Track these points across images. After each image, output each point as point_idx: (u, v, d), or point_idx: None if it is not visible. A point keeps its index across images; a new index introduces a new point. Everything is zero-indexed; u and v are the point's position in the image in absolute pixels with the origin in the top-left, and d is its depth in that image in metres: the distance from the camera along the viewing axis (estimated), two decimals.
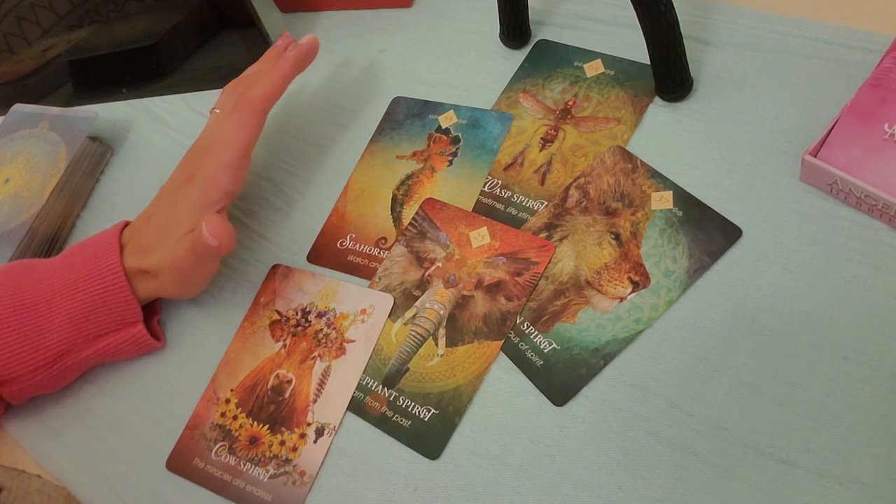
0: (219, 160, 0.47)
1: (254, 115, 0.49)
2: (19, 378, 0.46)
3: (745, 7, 0.54)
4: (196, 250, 0.45)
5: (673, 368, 0.42)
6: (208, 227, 0.44)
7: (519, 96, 0.55)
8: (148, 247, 0.47)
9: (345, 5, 0.66)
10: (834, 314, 0.41)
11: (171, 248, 0.46)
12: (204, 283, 0.50)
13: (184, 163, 0.50)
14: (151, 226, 0.48)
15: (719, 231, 0.45)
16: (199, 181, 0.47)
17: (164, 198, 0.49)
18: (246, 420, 0.46)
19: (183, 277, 0.47)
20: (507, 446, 0.42)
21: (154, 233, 0.47)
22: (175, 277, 0.47)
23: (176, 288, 0.48)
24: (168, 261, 0.46)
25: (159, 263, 0.46)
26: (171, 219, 0.47)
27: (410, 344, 0.46)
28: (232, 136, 0.48)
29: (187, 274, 0.47)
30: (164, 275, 0.47)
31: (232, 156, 0.47)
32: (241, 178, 0.48)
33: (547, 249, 0.47)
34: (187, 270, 0.47)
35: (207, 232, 0.44)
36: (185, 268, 0.47)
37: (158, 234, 0.47)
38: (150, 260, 0.46)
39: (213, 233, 0.44)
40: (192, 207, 0.47)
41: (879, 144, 0.42)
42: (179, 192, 0.48)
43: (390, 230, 0.51)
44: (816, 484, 0.37)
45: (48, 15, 0.64)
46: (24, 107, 0.64)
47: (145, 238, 0.47)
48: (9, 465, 0.49)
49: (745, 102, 0.49)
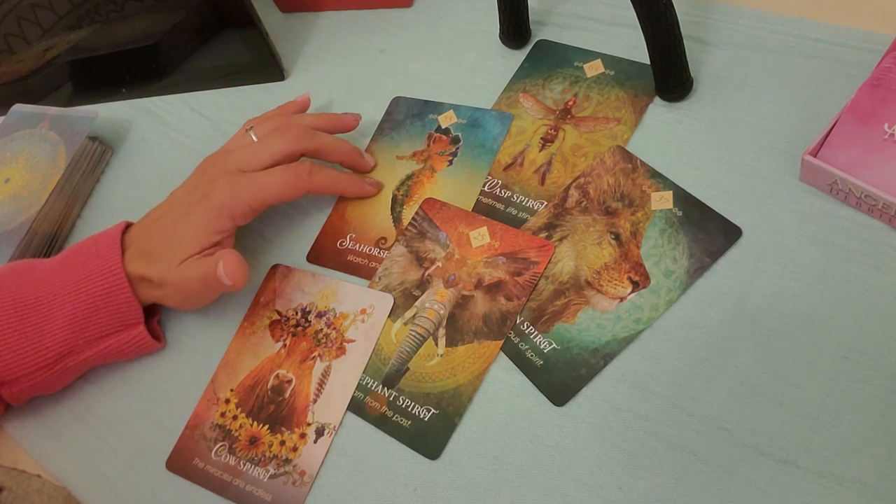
0: (243, 196, 0.47)
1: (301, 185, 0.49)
2: (20, 379, 0.46)
3: (745, 7, 0.54)
4: (208, 281, 0.45)
5: (673, 368, 0.42)
6: (225, 267, 0.45)
7: (519, 96, 0.55)
8: (152, 255, 0.47)
9: (345, 5, 0.66)
10: (834, 314, 0.41)
11: (178, 267, 0.46)
12: (205, 303, 0.50)
13: (202, 175, 0.50)
14: (158, 233, 0.48)
15: (719, 231, 0.45)
16: (214, 205, 0.47)
17: (175, 207, 0.48)
18: (246, 420, 0.46)
19: (187, 297, 0.48)
20: (507, 446, 0.42)
21: (159, 242, 0.47)
22: (178, 294, 0.47)
23: (177, 303, 0.48)
24: (175, 279, 0.46)
25: (163, 277, 0.46)
26: (179, 233, 0.47)
27: (410, 344, 0.46)
28: (272, 186, 0.48)
29: (192, 295, 0.48)
30: (168, 288, 0.47)
31: (260, 201, 0.48)
32: (254, 216, 0.49)
33: (547, 249, 0.47)
34: (193, 293, 0.47)
35: (223, 272, 0.45)
36: (192, 291, 0.47)
37: (164, 244, 0.47)
38: (154, 270, 0.46)
39: (229, 274, 0.45)
40: (201, 229, 0.47)
41: (879, 144, 0.42)
42: (191, 208, 0.47)
43: (390, 230, 0.51)
44: (816, 484, 0.37)
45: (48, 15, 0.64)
46: (24, 107, 0.64)
47: (149, 244, 0.47)
48: (9, 465, 0.49)
49: (745, 102, 0.49)
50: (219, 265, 0.45)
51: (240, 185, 0.47)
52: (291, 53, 0.65)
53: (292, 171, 0.49)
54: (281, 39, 0.65)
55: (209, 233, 0.47)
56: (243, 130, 0.52)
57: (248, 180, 0.48)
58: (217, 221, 0.47)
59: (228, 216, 0.47)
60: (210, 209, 0.47)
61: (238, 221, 0.48)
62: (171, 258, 0.46)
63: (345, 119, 0.55)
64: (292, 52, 0.65)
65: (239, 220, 0.48)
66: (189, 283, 0.46)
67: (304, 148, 0.50)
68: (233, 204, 0.47)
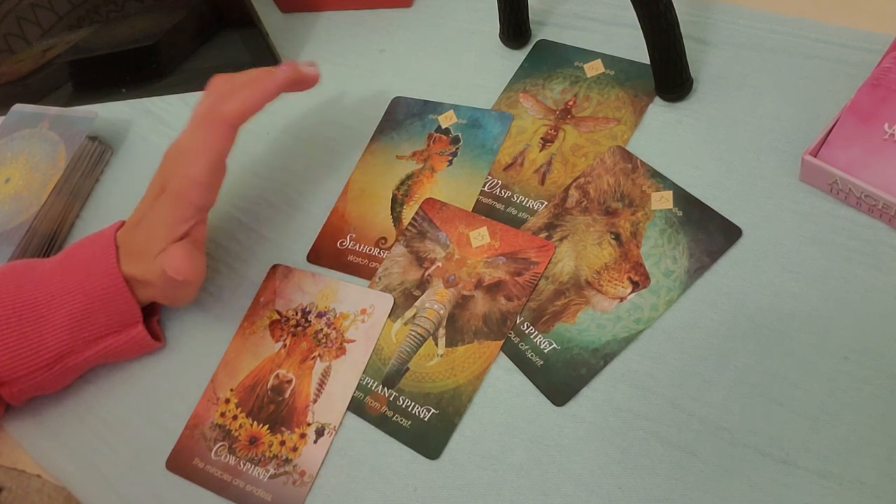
0: (187, 176, 0.45)
1: (223, 130, 0.45)
2: (19, 379, 0.46)
3: (745, 7, 0.54)
4: (167, 278, 0.45)
5: (673, 368, 0.42)
6: (170, 265, 0.44)
7: (519, 96, 0.55)
8: (136, 254, 0.47)
9: (345, 5, 0.66)
10: (834, 314, 0.41)
11: (153, 263, 0.46)
12: (189, 298, 0.50)
13: (160, 168, 0.48)
14: (139, 232, 0.47)
15: (719, 231, 0.45)
16: (170, 196, 0.46)
17: (146, 204, 0.48)
18: (246, 420, 0.46)
19: (165, 293, 0.48)
20: (507, 446, 0.42)
21: (141, 241, 0.47)
22: (162, 290, 0.47)
23: (164, 299, 0.49)
24: (153, 275, 0.46)
25: (145, 275, 0.46)
26: (152, 230, 0.46)
27: (410, 344, 0.46)
28: (200, 150, 0.45)
29: (168, 291, 0.48)
30: (152, 287, 0.47)
31: (199, 172, 0.45)
32: (212, 192, 0.46)
33: (547, 249, 0.47)
34: (167, 289, 0.47)
35: (170, 269, 0.44)
36: (164, 287, 0.47)
37: (144, 243, 0.46)
38: (139, 269, 0.46)
39: (176, 271, 0.44)
40: (166, 223, 0.46)
41: (879, 144, 0.42)
42: (155, 204, 0.46)
43: (390, 230, 0.51)
44: (816, 484, 0.37)
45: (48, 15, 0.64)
46: (24, 107, 0.64)
47: (134, 244, 0.47)
48: (9, 465, 0.49)
49: (745, 102, 0.49)
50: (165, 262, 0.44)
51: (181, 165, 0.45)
52: (291, 53, 0.65)
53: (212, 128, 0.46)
54: (281, 39, 0.65)
55: (173, 225, 0.45)
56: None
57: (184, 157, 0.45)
58: (177, 211, 0.45)
59: (186, 202, 0.45)
60: (168, 201, 0.45)
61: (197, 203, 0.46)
62: (148, 256, 0.46)
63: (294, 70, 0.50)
64: (292, 52, 0.65)
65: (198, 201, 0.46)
66: (158, 280, 0.46)
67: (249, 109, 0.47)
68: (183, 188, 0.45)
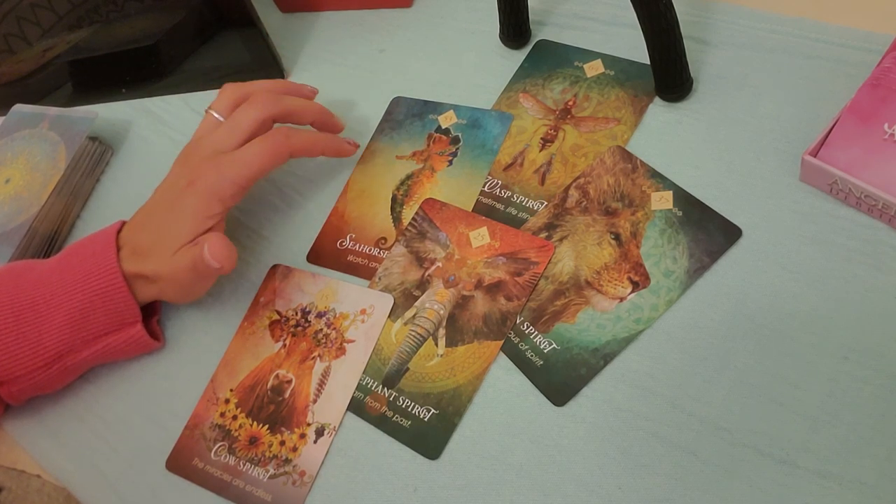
0: (228, 176, 0.47)
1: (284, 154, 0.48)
2: (18, 379, 0.46)
3: (745, 7, 0.54)
4: (197, 268, 0.45)
5: (673, 368, 0.42)
6: (210, 250, 0.44)
7: (519, 96, 0.55)
8: (145, 251, 0.47)
9: (345, 5, 0.66)
10: (834, 314, 0.41)
11: (170, 258, 0.46)
12: (203, 291, 0.50)
13: (182, 165, 0.49)
14: (149, 230, 0.47)
15: (719, 231, 0.45)
16: (202, 191, 0.47)
17: (162, 200, 0.48)
18: (246, 420, 0.46)
19: (182, 287, 0.48)
20: (507, 446, 0.42)
21: (151, 237, 0.47)
22: (174, 286, 0.47)
23: (175, 295, 0.48)
24: (167, 271, 0.46)
25: (157, 271, 0.46)
26: (169, 226, 0.47)
27: (410, 344, 0.46)
28: (254, 159, 0.47)
29: (186, 285, 0.47)
30: (162, 282, 0.47)
31: (246, 177, 0.47)
32: (244, 195, 0.48)
33: (547, 249, 0.47)
34: (186, 283, 0.47)
35: (209, 255, 0.44)
36: (185, 280, 0.47)
37: (156, 239, 0.47)
38: (148, 266, 0.46)
39: (216, 256, 0.44)
40: (192, 217, 0.46)
41: (879, 144, 0.42)
42: (179, 199, 0.47)
43: (390, 230, 0.51)
44: (816, 484, 0.37)
45: (48, 15, 0.64)
46: (24, 107, 0.64)
47: (143, 242, 0.47)
48: (9, 465, 0.49)
49: (745, 102, 0.49)
50: (204, 249, 0.44)
51: (222, 165, 0.47)
52: (291, 53, 0.65)
53: (270, 139, 0.48)
54: (281, 39, 0.65)
55: (201, 219, 0.46)
56: (207, 115, 0.51)
57: (229, 160, 0.47)
58: (208, 207, 0.46)
59: (217, 200, 0.47)
60: (198, 195, 0.47)
61: (228, 203, 0.47)
62: (164, 251, 0.46)
63: (302, 89, 0.54)
64: (292, 52, 0.65)
65: (228, 202, 0.47)
66: (180, 273, 0.46)
67: (273, 113, 0.50)
68: (219, 186, 0.47)
